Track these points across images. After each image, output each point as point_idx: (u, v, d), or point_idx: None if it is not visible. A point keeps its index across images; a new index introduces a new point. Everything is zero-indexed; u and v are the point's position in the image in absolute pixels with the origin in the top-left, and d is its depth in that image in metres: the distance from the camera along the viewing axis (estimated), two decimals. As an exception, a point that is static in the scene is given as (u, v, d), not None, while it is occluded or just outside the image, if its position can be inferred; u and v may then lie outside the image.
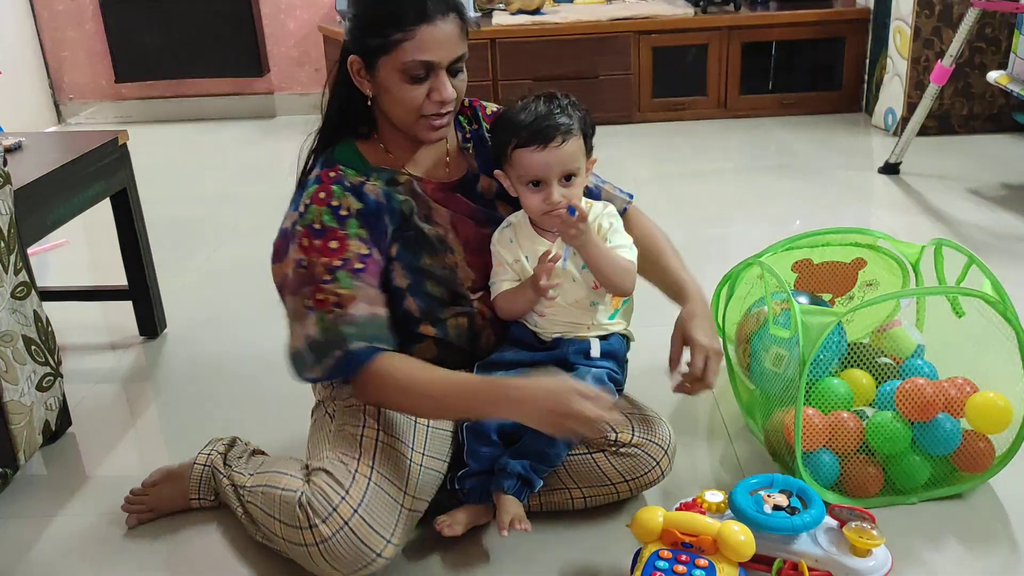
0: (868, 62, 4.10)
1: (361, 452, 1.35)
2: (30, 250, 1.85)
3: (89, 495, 1.67)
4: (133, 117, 4.74)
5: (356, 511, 1.28)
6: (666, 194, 3.24)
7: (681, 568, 1.23)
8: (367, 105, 1.42)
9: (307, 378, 1.38)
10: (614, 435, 1.45)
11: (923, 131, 3.38)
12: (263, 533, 1.41)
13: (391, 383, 1.33)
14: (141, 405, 2.01)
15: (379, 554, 1.28)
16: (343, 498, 1.28)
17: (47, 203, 1.88)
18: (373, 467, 1.33)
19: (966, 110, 3.72)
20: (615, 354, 1.48)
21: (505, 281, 1.46)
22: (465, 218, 1.47)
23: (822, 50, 4.13)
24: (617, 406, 1.29)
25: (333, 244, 1.34)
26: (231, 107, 4.74)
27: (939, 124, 3.71)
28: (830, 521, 1.33)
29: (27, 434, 1.65)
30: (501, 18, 4.20)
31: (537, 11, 4.25)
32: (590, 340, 1.47)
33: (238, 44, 4.53)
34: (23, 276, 1.66)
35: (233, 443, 1.62)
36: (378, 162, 1.43)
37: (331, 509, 1.27)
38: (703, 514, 1.32)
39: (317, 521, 1.27)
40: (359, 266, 1.35)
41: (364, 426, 1.39)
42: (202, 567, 1.47)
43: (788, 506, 1.32)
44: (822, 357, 1.52)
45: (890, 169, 3.33)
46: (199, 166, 4.03)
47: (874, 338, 1.69)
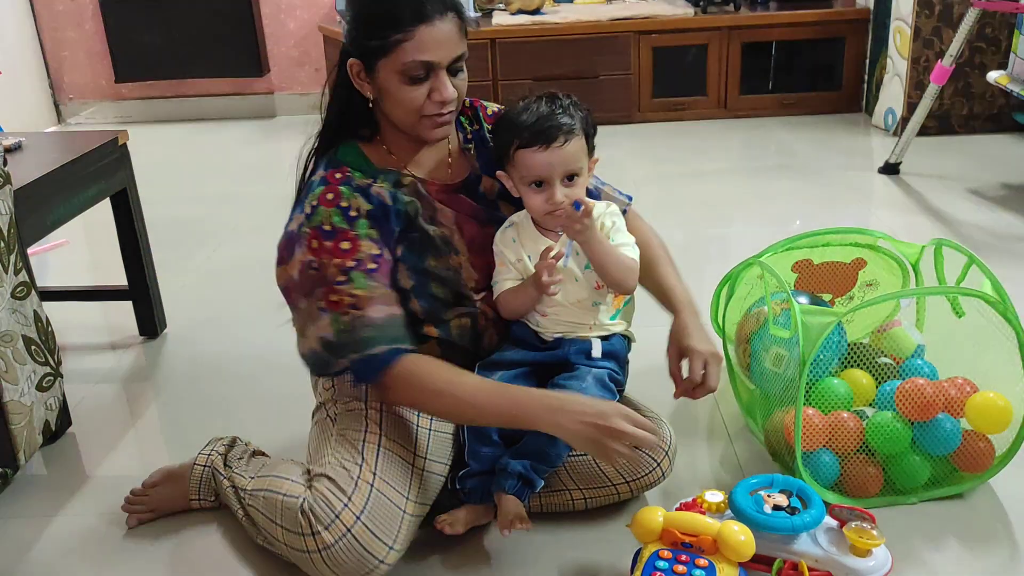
0: (868, 62, 4.10)
1: (363, 458, 1.35)
2: (30, 250, 1.85)
3: (89, 495, 1.67)
4: (133, 117, 4.74)
5: (359, 518, 1.27)
6: (666, 194, 3.24)
7: (681, 568, 1.22)
8: (368, 108, 1.42)
9: (329, 373, 1.40)
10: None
11: (923, 131, 3.38)
12: (264, 537, 1.41)
13: (418, 385, 1.33)
14: (141, 405, 2.01)
15: (382, 560, 1.28)
16: (346, 505, 1.28)
17: (47, 203, 1.88)
18: (376, 473, 1.33)
19: (966, 110, 3.72)
20: (616, 355, 1.48)
21: (508, 280, 1.46)
22: (469, 219, 1.47)
23: (822, 50, 4.12)
24: (647, 426, 1.28)
25: (345, 245, 1.33)
26: (231, 107, 4.74)
27: (939, 124, 3.71)
28: (830, 521, 1.33)
29: (27, 434, 1.65)
30: (501, 18, 4.20)
31: (537, 11, 4.25)
32: (591, 340, 1.46)
33: (238, 44, 4.53)
34: (23, 276, 1.66)
35: (233, 443, 1.62)
36: (382, 164, 1.43)
37: (334, 516, 1.27)
38: (703, 514, 1.32)
39: (320, 528, 1.26)
40: (372, 266, 1.34)
41: (366, 431, 1.39)
42: (202, 567, 1.47)
43: (788, 506, 1.32)
44: (822, 357, 1.52)
45: (890, 169, 3.33)
46: (199, 166, 4.02)
47: (874, 338, 1.69)
